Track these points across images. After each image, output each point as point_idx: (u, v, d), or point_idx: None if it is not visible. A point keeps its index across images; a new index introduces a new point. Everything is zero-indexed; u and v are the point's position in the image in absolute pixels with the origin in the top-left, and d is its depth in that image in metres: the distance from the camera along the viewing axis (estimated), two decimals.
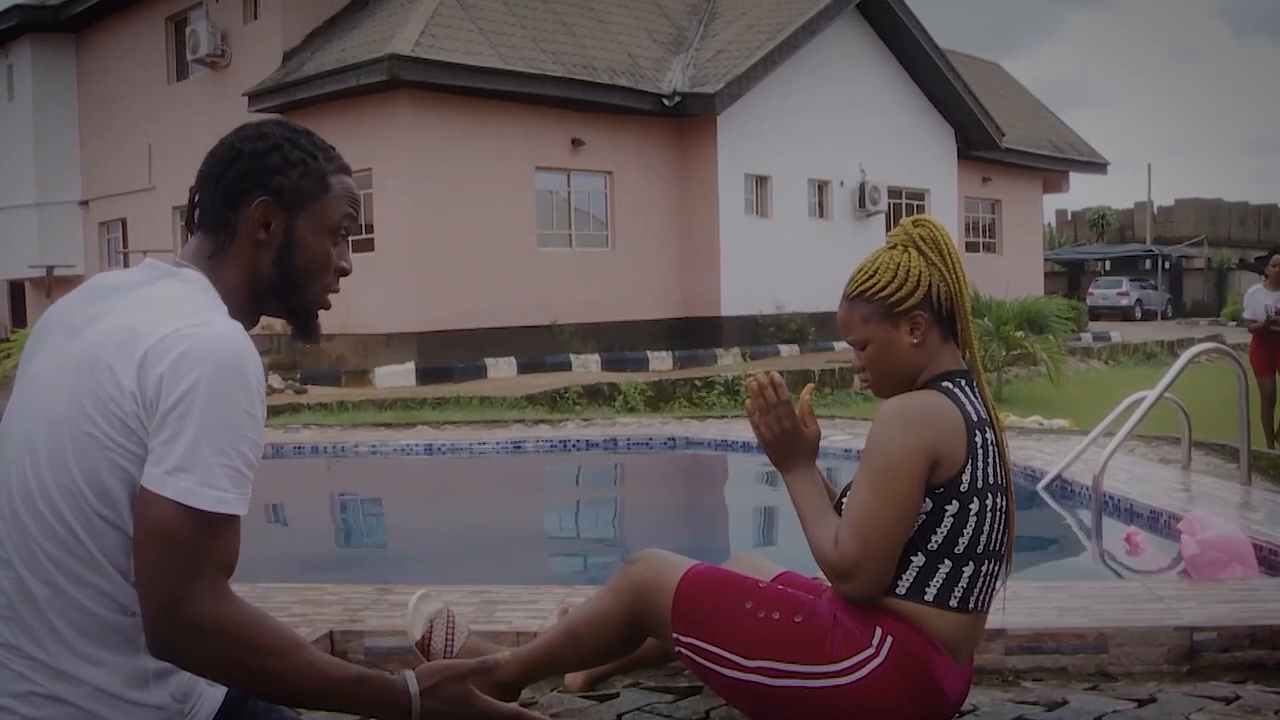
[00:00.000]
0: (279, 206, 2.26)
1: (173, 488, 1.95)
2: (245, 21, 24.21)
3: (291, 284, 2.31)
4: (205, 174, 2.29)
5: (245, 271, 2.27)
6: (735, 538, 8.54)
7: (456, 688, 2.17)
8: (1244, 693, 3.86)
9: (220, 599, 1.99)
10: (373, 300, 20.15)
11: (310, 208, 2.30)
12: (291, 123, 2.38)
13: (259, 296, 2.30)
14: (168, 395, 1.97)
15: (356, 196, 2.41)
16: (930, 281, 2.93)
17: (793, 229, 25.10)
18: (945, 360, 2.95)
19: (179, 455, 1.95)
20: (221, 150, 2.30)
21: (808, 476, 3.01)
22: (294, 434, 12.08)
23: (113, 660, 2.05)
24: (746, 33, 24.65)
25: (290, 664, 2.03)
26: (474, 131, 20.86)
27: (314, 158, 2.31)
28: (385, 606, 4.69)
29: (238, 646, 1.99)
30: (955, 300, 2.95)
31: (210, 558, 1.99)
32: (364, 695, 2.09)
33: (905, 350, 2.93)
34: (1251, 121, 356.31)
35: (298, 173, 2.28)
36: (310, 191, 2.29)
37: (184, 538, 1.96)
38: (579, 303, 22.26)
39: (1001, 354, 19.25)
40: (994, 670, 4.17)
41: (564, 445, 11.35)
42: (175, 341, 2.00)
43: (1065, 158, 35.65)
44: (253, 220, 2.25)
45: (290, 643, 2.06)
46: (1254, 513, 6.87)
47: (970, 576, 2.83)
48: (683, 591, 2.98)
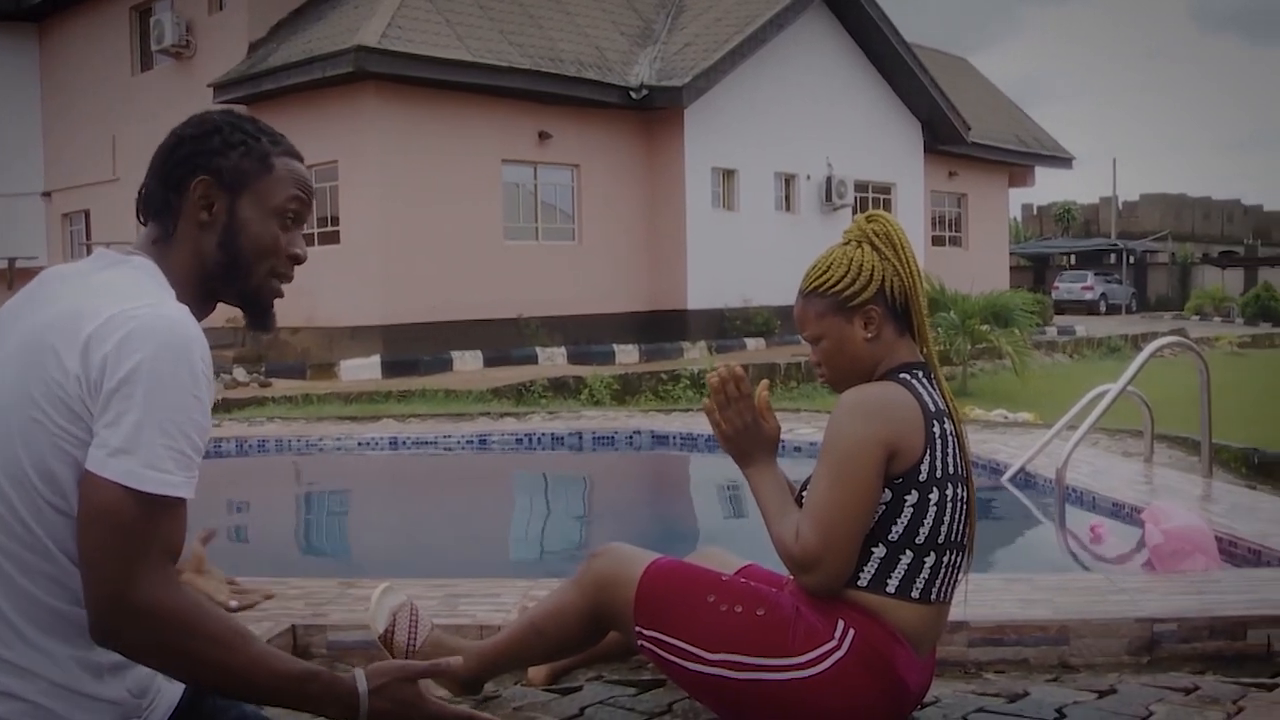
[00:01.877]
0: (220, 187, 2.25)
1: (115, 469, 1.93)
2: (210, 12, 24.09)
3: (238, 266, 2.30)
4: (152, 164, 2.29)
5: (191, 255, 2.26)
6: (701, 531, 8.55)
7: (406, 689, 2.16)
8: (1203, 683, 3.88)
9: (165, 584, 1.97)
10: (338, 293, 20.09)
11: (252, 188, 2.29)
12: (240, 114, 2.38)
13: (208, 281, 2.29)
14: (111, 376, 1.95)
15: (305, 180, 2.39)
16: (884, 276, 2.94)
17: (759, 222, 25.13)
18: (901, 353, 2.96)
19: (122, 437, 1.94)
20: (167, 139, 2.30)
21: (769, 471, 3.02)
22: (258, 427, 12.02)
23: (65, 652, 2.03)
24: (714, 26, 24.66)
25: (236, 655, 2.01)
26: (440, 124, 20.81)
27: (256, 139, 2.31)
28: (348, 600, 4.67)
29: (182, 634, 1.97)
30: (909, 294, 2.96)
31: (155, 542, 1.96)
32: (312, 692, 2.08)
33: (860, 344, 2.95)
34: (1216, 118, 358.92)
35: (238, 153, 2.27)
36: (252, 171, 2.29)
37: (127, 520, 1.93)
38: (545, 296, 22.24)
39: (967, 348, 19.32)
40: (956, 662, 4.18)
41: (529, 439, 11.33)
42: (119, 323, 1.98)
43: (1031, 152, 35.81)
44: (194, 201, 2.24)
45: (237, 634, 2.04)
46: (1215, 505, 6.91)
47: (932, 567, 2.84)
48: (645, 585, 2.99)
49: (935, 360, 3.01)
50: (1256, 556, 5.68)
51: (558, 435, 11.35)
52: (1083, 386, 8.37)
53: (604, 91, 22.77)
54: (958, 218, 34.59)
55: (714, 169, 24.50)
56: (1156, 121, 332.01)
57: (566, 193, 23.45)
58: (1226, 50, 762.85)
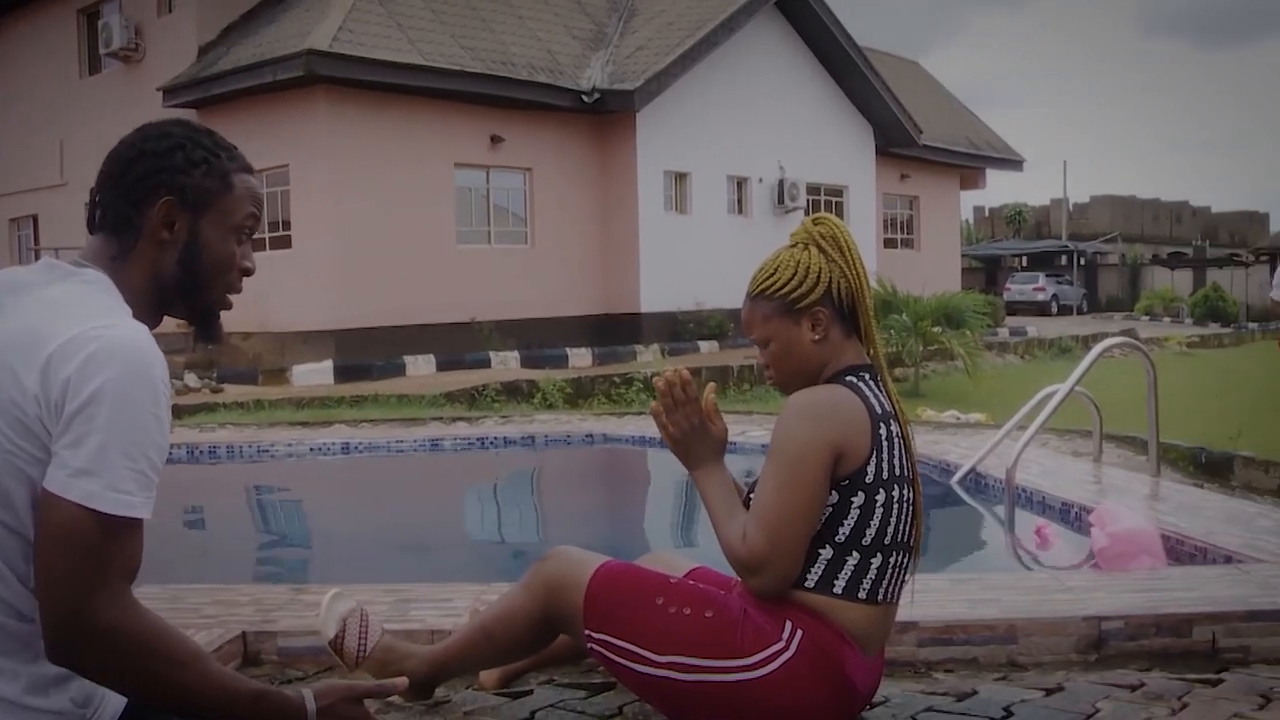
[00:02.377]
0: (183, 206, 2.25)
1: (78, 491, 1.92)
2: (159, 15, 23.91)
3: (195, 284, 2.30)
4: (107, 174, 2.27)
5: (149, 272, 2.25)
6: (653, 534, 8.56)
7: (353, 708, 2.19)
8: (1149, 680, 3.93)
9: (125, 606, 1.97)
10: (290, 298, 20.00)
11: (214, 207, 2.29)
12: (193, 121, 2.37)
13: (163, 297, 2.29)
14: (74, 398, 1.94)
15: (259, 195, 2.41)
16: (830, 278, 2.96)
17: (712, 226, 25.17)
18: (849, 355, 2.98)
19: (85, 458, 1.93)
20: (123, 150, 2.28)
21: (716, 474, 3.03)
22: (209, 433, 11.95)
23: (11, 668, 2.02)
24: (666, 30, 24.69)
25: (192, 675, 2.02)
26: (392, 128, 20.74)
27: (216, 156, 2.31)
28: (299, 606, 4.65)
29: (142, 654, 1.97)
30: (856, 296, 2.98)
31: (115, 563, 1.96)
32: (262, 711, 2.10)
33: (807, 346, 2.97)
34: (1164, 121, 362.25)
35: (201, 172, 2.27)
36: (214, 190, 2.29)
37: (89, 542, 1.93)
38: (498, 300, 22.20)
39: (919, 349, 19.43)
40: (906, 662, 4.21)
41: (482, 443, 11.31)
42: (81, 344, 1.97)
43: (982, 155, 36.03)
44: (157, 220, 2.23)
45: (192, 653, 2.05)
46: (1162, 504, 6.98)
47: (878, 568, 2.86)
48: (594, 588, 3.00)
49: (882, 362, 3.03)
50: (1203, 554, 5.74)
51: (510, 439, 11.35)
52: (1034, 387, 8.43)
53: (556, 95, 22.76)
54: (909, 220, 34.76)
55: (666, 172, 24.53)
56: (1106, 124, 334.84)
57: (519, 196, 23.42)
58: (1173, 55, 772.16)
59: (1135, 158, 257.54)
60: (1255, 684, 3.90)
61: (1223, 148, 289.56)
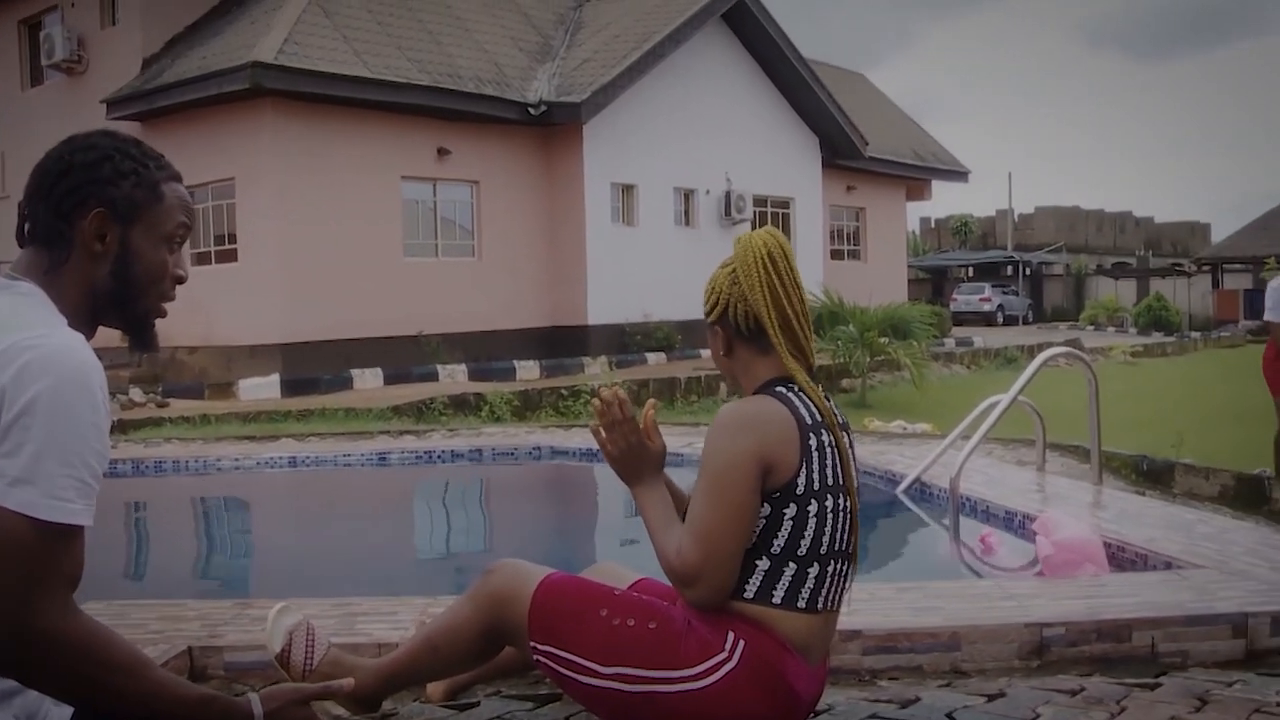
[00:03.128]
0: (113, 218, 2.25)
1: (15, 499, 1.93)
2: (103, 26, 23.76)
3: (129, 294, 2.31)
4: (35, 188, 2.28)
5: (83, 285, 2.26)
6: (600, 545, 8.57)
7: (301, 711, 2.19)
8: (1089, 685, 3.98)
9: (67, 613, 1.98)
10: (236, 311, 19.90)
11: (145, 217, 2.30)
12: (120, 132, 2.37)
13: (97, 308, 2.29)
14: (9, 408, 1.95)
15: (190, 204, 2.42)
16: (730, 299, 3.02)
17: (659, 237, 25.22)
18: (764, 370, 3.03)
19: (22, 467, 1.93)
20: (51, 163, 2.28)
21: (655, 490, 3.06)
22: (155, 448, 11.87)
23: None
24: (612, 42, 24.74)
25: (138, 682, 2.02)
26: (339, 140, 20.68)
27: (145, 167, 2.31)
28: (245, 621, 4.65)
29: (86, 662, 1.97)
30: (761, 318, 2.99)
31: (56, 570, 1.97)
32: (209, 716, 2.10)
33: (717, 358, 3.12)
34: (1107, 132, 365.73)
35: (130, 183, 2.27)
36: (144, 201, 2.29)
37: (28, 550, 1.93)
38: (445, 313, 22.17)
39: (866, 360, 19.54)
40: (851, 670, 4.24)
41: (429, 456, 11.30)
42: (16, 354, 1.98)
43: (928, 166, 36.29)
44: (88, 233, 2.24)
45: (138, 660, 2.05)
46: (1104, 511, 7.06)
47: (816, 577, 2.89)
48: (539, 600, 3.01)
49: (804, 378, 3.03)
50: (1144, 560, 5.81)
51: (458, 452, 11.34)
52: (980, 397, 8.50)
53: (503, 108, 22.76)
54: (856, 231, 34.94)
55: (613, 184, 24.56)
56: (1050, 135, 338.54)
57: (466, 209, 23.39)
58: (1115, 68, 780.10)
59: (1079, 169, 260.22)
60: (1192, 687, 3.96)
61: (1165, 159, 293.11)
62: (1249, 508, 8.02)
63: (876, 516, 8.37)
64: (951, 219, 67.46)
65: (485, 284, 23.09)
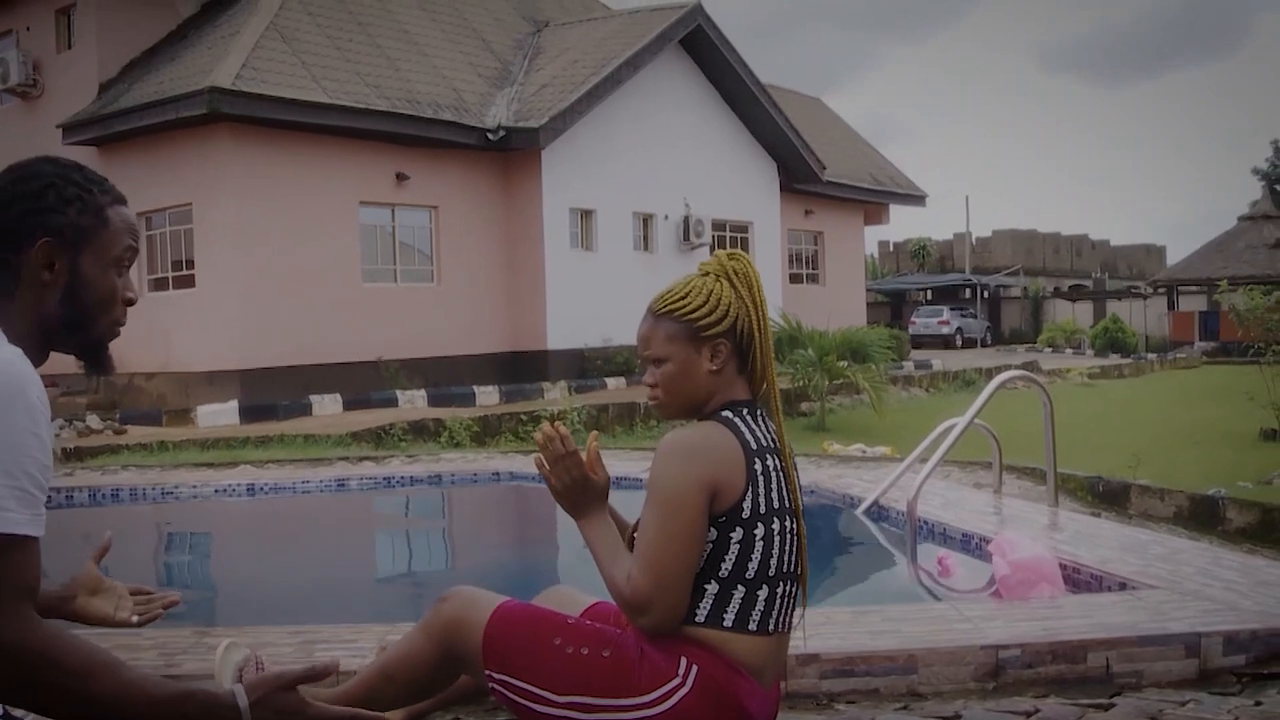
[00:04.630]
0: (61, 246, 2.25)
1: None
2: (59, 50, 23.62)
3: (80, 321, 2.30)
4: None
5: (33, 313, 2.25)
6: (561, 570, 8.57)
7: (287, 697, 2.13)
8: (1044, 706, 4.00)
9: (21, 622, 1.95)
10: (194, 338, 19.81)
11: (92, 243, 2.29)
12: (61, 158, 2.37)
13: (48, 335, 2.29)
14: None
15: (135, 227, 2.41)
16: (738, 314, 3.00)
17: (618, 262, 25.23)
18: (735, 391, 3.02)
19: None
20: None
21: (600, 521, 3.05)
22: (112, 475, 11.80)
23: None
24: (571, 67, 24.80)
25: (108, 685, 1.99)
26: (296, 165, 20.63)
27: (89, 192, 2.31)
28: (203, 650, 4.62)
29: (52, 671, 1.95)
30: (756, 336, 3.02)
31: (9, 581, 1.95)
32: (190, 712, 2.05)
33: (703, 375, 3.00)
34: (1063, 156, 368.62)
35: (75, 209, 2.27)
36: (90, 227, 2.29)
37: None
38: (404, 338, 22.11)
39: (824, 384, 19.58)
40: (809, 694, 4.26)
41: (388, 482, 11.27)
42: None
43: (885, 190, 36.49)
44: (36, 262, 2.23)
45: (104, 664, 2.01)
46: (1060, 533, 7.11)
47: (766, 600, 2.90)
48: (492, 629, 3.01)
49: (777, 401, 3.06)
50: (1098, 582, 5.86)
51: (417, 478, 11.32)
52: (938, 419, 8.55)
53: (461, 133, 22.77)
54: (814, 255, 35.08)
55: (572, 209, 24.57)
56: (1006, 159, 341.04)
57: (425, 234, 23.36)
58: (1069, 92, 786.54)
59: (1036, 192, 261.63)
60: (1145, 707, 3.99)
61: (1120, 183, 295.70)
62: (1203, 528, 8.09)
63: (835, 540, 8.39)
64: (909, 242, 67.82)
65: (444, 309, 23.06)
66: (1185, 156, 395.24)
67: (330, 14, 22.99)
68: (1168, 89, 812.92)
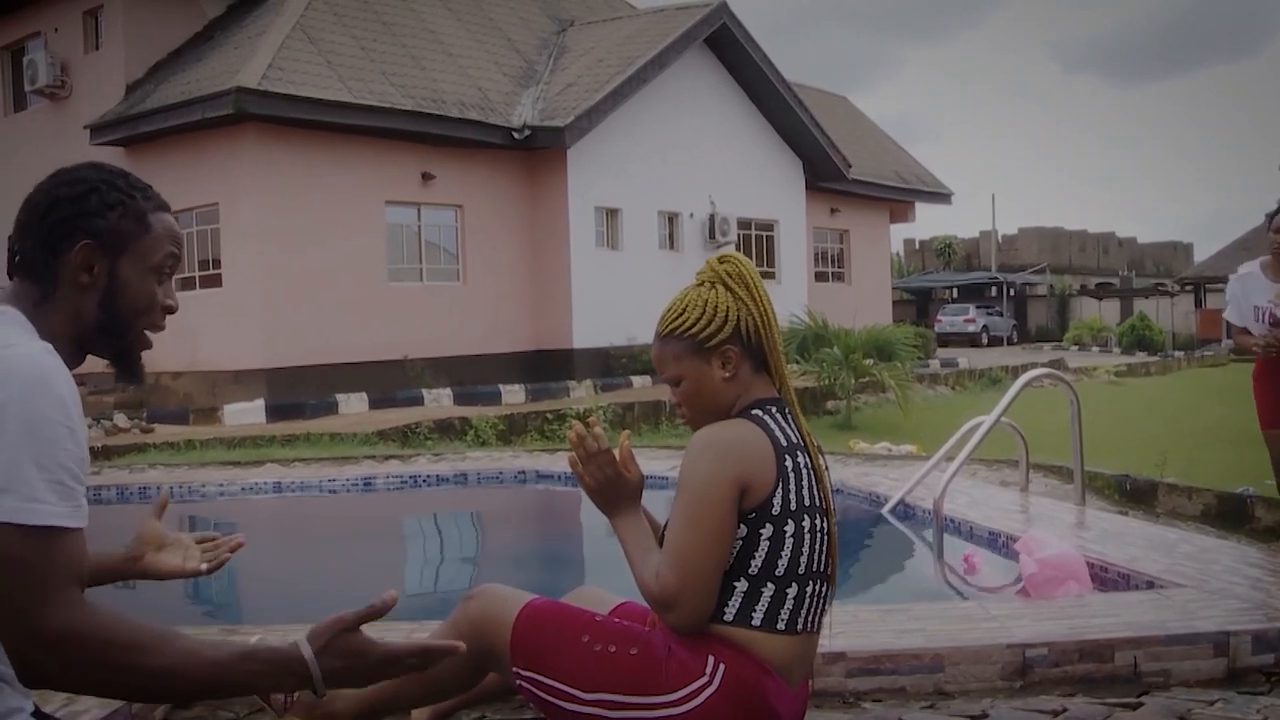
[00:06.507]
0: (101, 249, 2.26)
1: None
2: (86, 52, 23.71)
3: (117, 326, 2.31)
4: (23, 223, 2.28)
5: (71, 315, 2.26)
6: (587, 569, 8.57)
7: (351, 639, 2.09)
8: (1071, 705, 3.99)
9: (72, 608, 1.95)
10: (221, 337, 19.87)
11: (132, 248, 2.30)
12: (108, 164, 2.38)
13: (84, 339, 2.30)
14: None
15: (178, 234, 2.41)
16: (738, 316, 3.00)
17: (643, 261, 25.22)
18: (758, 390, 3.02)
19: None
20: (38, 197, 2.29)
21: (633, 520, 3.05)
22: (140, 474, 11.86)
23: None
24: (596, 66, 24.79)
25: (164, 656, 1.97)
26: (322, 165, 20.68)
27: (132, 197, 2.31)
28: None
29: (105, 650, 1.95)
30: (763, 332, 3.02)
31: (55, 571, 1.95)
32: (254, 670, 2.03)
33: (718, 384, 3.00)
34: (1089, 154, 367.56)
35: (117, 214, 2.28)
36: (131, 232, 2.29)
37: (20, 558, 1.93)
38: (430, 337, 22.15)
39: (851, 382, 19.55)
40: (835, 693, 4.25)
41: (414, 481, 11.30)
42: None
43: (911, 188, 36.36)
44: (75, 265, 2.24)
45: (159, 634, 2.00)
46: (1087, 531, 7.08)
47: (795, 598, 2.89)
48: (520, 626, 3.01)
49: (792, 395, 3.07)
50: (1126, 580, 5.83)
51: (443, 477, 11.33)
52: (965, 418, 8.53)
53: (487, 132, 22.79)
54: (840, 253, 35.01)
55: (597, 208, 24.58)
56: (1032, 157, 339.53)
57: (450, 233, 23.40)
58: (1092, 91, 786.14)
59: (1062, 190, 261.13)
60: (1174, 706, 3.98)
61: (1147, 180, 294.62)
62: (1231, 527, 8.05)
63: (861, 538, 8.38)
64: (935, 240, 67.60)
65: (470, 308, 23.09)
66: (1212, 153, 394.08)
67: (355, 14, 23.05)
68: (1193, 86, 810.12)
